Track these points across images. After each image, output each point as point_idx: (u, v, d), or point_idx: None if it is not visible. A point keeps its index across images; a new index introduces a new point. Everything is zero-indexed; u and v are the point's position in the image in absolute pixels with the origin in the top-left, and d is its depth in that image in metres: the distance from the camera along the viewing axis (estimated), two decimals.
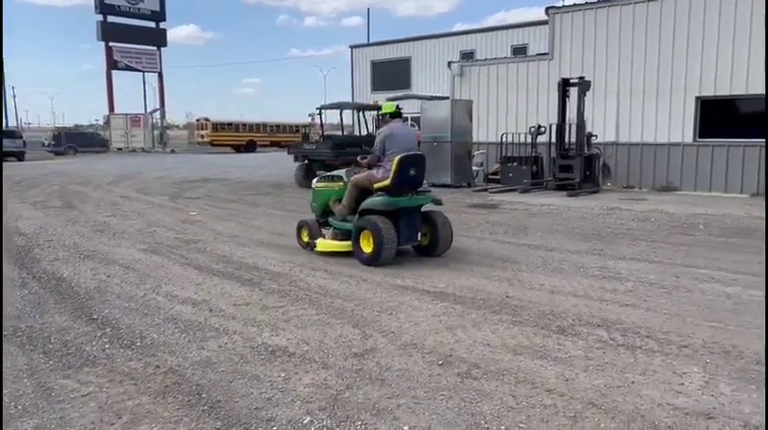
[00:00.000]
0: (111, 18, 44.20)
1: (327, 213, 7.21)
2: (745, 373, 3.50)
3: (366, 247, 6.39)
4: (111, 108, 45.05)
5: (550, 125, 13.95)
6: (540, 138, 14.44)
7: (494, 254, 7.06)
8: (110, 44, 44.32)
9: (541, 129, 14.19)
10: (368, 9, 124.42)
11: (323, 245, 6.94)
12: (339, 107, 16.57)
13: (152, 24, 46.49)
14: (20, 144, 30.35)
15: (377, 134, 6.84)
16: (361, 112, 16.51)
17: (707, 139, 13.66)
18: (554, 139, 13.98)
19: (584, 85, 13.43)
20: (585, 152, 13.68)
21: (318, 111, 16.49)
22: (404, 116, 7.52)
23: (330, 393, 3.28)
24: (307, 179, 15.57)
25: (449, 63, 18.26)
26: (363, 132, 16.38)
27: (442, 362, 3.69)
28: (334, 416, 3.02)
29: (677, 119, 13.95)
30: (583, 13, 15.14)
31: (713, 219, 9.71)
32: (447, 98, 17.21)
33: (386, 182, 6.44)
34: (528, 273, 6.09)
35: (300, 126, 46.17)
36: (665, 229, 8.87)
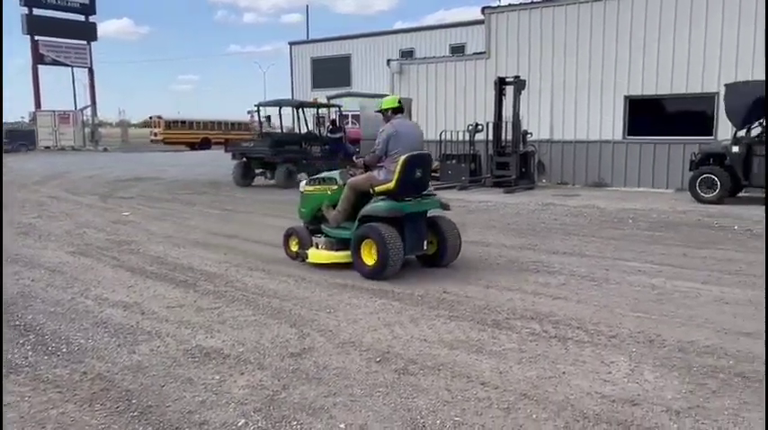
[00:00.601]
0: (38, 11, 42.14)
1: (319, 219, 6.40)
2: (668, 361, 3.66)
3: (368, 259, 5.69)
4: (38, 104, 43.01)
5: (487, 123, 14.22)
6: (478, 136, 14.69)
7: None
8: (36, 38, 42.22)
9: (479, 128, 14.44)
10: (307, 6, 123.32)
11: (316, 256, 6.16)
12: (278, 104, 16.41)
13: (81, 18, 44.53)
14: None
15: (379, 132, 6.07)
16: (300, 110, 16.37)
17: (635, 137, 14.25)
18: (491, 137, 14.25)
19: (519, 84, 13.76)
20: (521, 150, 14.04)
21: (257, 109, 16.30)
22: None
23: (266, 394, 3.23)
24: (244, 178, 15.36)
25: (388, 61, 18.36)
26: (303, 130, 16.25)
27: (379, 359, 3.71)
28: (270, 417, 2.98)
29: (608, 117, 14.50)
30: (518, 13, 15.49)
31: (641, 213, 10.13)
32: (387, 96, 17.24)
33: (389, 185, 5.76)
34: (465, 268, 6.18)
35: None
36: (596, 224, 9.20)
